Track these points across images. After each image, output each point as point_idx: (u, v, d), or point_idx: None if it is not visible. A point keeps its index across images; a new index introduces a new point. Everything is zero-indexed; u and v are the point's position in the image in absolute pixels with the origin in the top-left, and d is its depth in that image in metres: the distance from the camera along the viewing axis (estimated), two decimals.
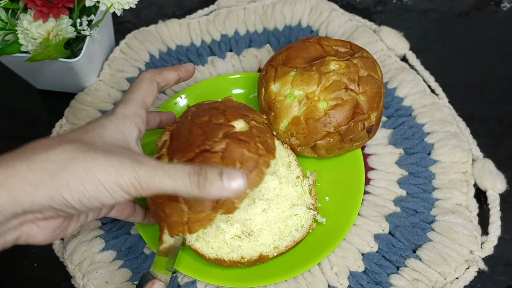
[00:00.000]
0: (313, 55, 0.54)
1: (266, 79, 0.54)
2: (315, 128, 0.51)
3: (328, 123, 0.51)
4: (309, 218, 0.51)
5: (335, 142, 0.52)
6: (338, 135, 0.51)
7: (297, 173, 0.53)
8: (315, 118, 0.51)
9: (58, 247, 0.54)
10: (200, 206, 0.44)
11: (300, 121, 0.51)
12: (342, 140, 0.52)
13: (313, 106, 0.51)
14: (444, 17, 0.70)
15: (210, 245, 0.48)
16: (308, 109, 0.51)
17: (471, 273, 0.49)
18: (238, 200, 0.43)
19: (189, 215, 0.44)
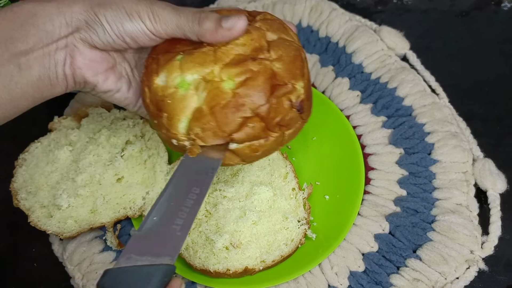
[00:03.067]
0: None
1: (148, 75, 0.42)
2: (225, 116, 0.38)
3: (241, 106, 0.38)
4: (300, 233, 0.50)
5: (258, 131, 0.39)
6: (259, 120, 0.39)
7: (293, 185, 0.53)
8: (222, 104, 0.38)
9: (57, 248, 0.54)
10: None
11: (203, 113, 0.39)
12: (268, 128, 0.40)
13: (215, 88, 0.39)
14: (444, 17, 0.70)
15: (198, 255, 0.49)
16: (210, 94, 0.39)
17: (471, 273, 0.49)
18: None
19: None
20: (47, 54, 0.39)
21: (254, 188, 0.52)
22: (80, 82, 0.42)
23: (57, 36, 0.40)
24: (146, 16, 0.40)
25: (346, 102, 0.62)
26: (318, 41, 0.67)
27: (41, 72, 0.40)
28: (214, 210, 0.51)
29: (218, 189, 0.52)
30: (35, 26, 0.39)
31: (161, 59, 0.41)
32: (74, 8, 0.40)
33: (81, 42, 0.40)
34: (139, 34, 0.41)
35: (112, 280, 0.32)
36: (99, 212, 0.52)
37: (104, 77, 0.43)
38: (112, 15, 0.40)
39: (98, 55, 0.42)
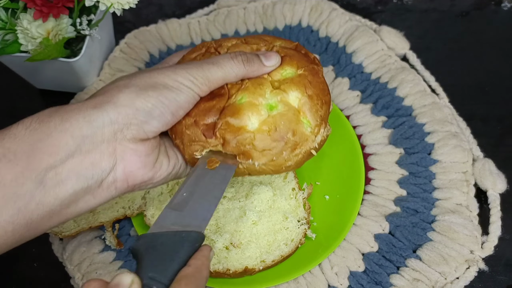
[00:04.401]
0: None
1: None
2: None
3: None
4: (300, 233, 0.50)
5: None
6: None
7: (293, 185, 0.53)
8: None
9: (57, 248, 0.54)
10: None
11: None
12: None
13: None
14: (444, 17, 0.70)
15: None
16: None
17: (471, 273, 0.49)
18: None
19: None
20: (88, 163, 0.33)
21: (254, 188, 0.52)
22: (135, 184, 0.37)
23: (99, 139, 0.34)
24: (192, 83, 0.38)
25: (346, 102, 0.62)
26: (318, 41, 0.67)
27: (77, 186, 0.33)
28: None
29: None
30: (68, 132, 0.33)
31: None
32: (118, 102, 0.34)
33: (132, 139, 0.35)
34: (190, 102, 0.38)
35: (146, 244, 0.33)
36: (98, 211, 0.52)
37: (159, 166, 0.39)
38: (163, 95, 0.36)
39: (149, 146, 0.37)
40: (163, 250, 0.33)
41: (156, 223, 0.35)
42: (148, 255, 0.33)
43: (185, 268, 0.32)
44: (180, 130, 0.41)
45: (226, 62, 0.40)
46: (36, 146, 0.32)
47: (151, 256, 0.32)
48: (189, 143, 0.40)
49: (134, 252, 0.33)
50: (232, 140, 0.40)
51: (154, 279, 0.31)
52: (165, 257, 0.32)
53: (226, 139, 0.40)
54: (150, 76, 0.37)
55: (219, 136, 0.40)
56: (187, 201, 0.37)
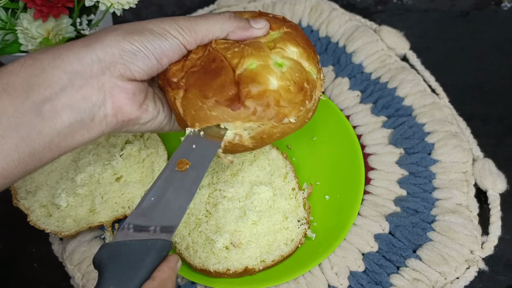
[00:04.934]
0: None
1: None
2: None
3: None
4: (300, 232, 0.50)
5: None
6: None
7: (293, 185, 0.53)
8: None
9: (57, 247, 0.54)
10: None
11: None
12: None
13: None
14: (444, 17, 0.70)
15: (198, 255, 0.49)
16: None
17: (471, 273, 0.49)
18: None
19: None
20: (80, 97, 0.36)
21: (254, 188, 0.52)
22: (124, 120, 0.39)
23: (88, 74, 0.36)
24: (177, 32, 0.39)
25: (346, 102, 0.62)
26: (318, 41, 0.67)
27: (72, 118, 0.36)
28: (214, 210, 0.51)
29: (218, 189, 0.52)
30: (60, 68, 0.35)
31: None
32: (105, 42, 0.37)
33: (119, 77, 0.37)
34: (175, 51, 0.40)
35: (109, 253, 0.32)
36: (98, 211, 0.52)
37: (145, 107, 0.41)
38: (148, 40, 0.38)
39: (136, 87, 0.39)
40: (127, 260, 0.31)
41: (120, 230, 0.34)
42: (110, 265, 0.31)
43: (149, 281, 0.31)
44: (204, 115, 0.40)
45: (213, 15, 0.41)
46: (32, 81, 0.34)
47: (114, 267, 0.31)
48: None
49: (96, 262, 0.32)
50: (262, 105, 0.40)
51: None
52: (129, 268, 0.31)
53: (256, 106, 0.40)
54: (139, 23, 0.39)
55: (248, 105, 0.40)
56: (155, 205, 0.36)
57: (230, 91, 0.40)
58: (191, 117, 0.41)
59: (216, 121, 0.40)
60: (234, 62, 0.41)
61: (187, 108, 0.41)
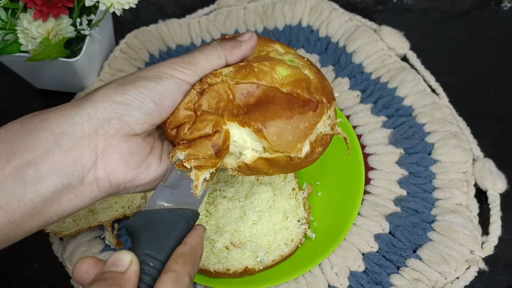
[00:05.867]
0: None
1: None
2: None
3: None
4: (300, 232, 0.50)
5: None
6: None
7: (293, 185, 0.53)
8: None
9: (57, 248, 0.54)
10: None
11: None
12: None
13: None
14: (444, 17, 0.70)
15: None
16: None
17: (471, 273, 0.49)
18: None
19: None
20: (68, 159, 0.33)
21: (254, 188, 0.52)
22: (119, 183, 0.36)
23: (79, 135, 0.33)
24: (174, 70, 0.37)
25: (346, 102, 0.62)
26: (318, 41, 0.67)
27: (58, 183, 0.33)
28: (214, 210, 0.51)
29: (218, 189, 0.52)
30: (47, 130, 0.33)
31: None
32: (95, 98, 0.34)
33: (115, 135, 0.35)
34: (175, 89, 0.36)
35: (142, 221, 0.34)
36: (97, 211, 0.52)
37: (145, 167, 0.37)
38: (142, 85, 0.35)
39: (136, 144, 0.36)
40: (159, 227, 0.33)
41: (150, 200, 0.35)
42: (144, 232, 0.33)
43: (182, 246, 0.33)
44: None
45: (205, 46, 0.40)
46: (16, 145, 0.32)
47: (148, 233, 0.33)
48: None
49: (130, 229, 0.33)
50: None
51: (151, 256, 0.31)
52: (161, 235, 0.33)
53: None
54: (133, 73, 0.37)
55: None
56: (181, 178, 0.37)
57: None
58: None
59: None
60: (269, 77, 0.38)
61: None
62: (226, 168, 0.39)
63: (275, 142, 0.37)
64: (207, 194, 0.52)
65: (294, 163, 0.38)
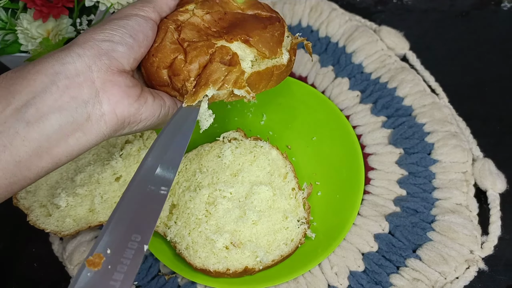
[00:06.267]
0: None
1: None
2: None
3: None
4: (300, 232, 0.50)
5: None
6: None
7: (293, 185, 0.53)
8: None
9: (57, 247, 0.54)
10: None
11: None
12: None
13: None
14: (444, 17, 0.70)
15: (198, 255, 0.49)
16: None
17: (471, 273, 0.49)
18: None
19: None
20: (68, 97, 0.34)
21: (254, 188, 0.52)
22: (125, 117, 0.37)
23: (73, 73, 0.34)
24: (136, 9, 0.40)
25: (346, 102, 0.62)
26: (318, 41, 0.67)
27: (62, 120, 0.33)
28: (214, 210, 0.51)
29: (218, 189, 0.52)
30: (41, 72, 0.34)
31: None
32: (78, 40, 0.36)
33: (108, 70, 0.36)
34: (143, 25, 0.40)
35: None
36: (97, 211, 0.52)
37: (143, 100, 0.38)
38: (115, 23, 0.38)
39: (128, 79, 0.38)
40: None
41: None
42: None
43: None
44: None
45: None
46: (13, 89, 0.33)
47: None
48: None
49: None
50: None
51: None
52: None
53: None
54: (104, 19, 0.41)
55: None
56: (94, 282, 0.30)
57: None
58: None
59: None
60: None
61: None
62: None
63: (261, 48, 0.42)
64: (207, 195, 0.52)
65: (279, 72, 0.44)
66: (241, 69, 0.41)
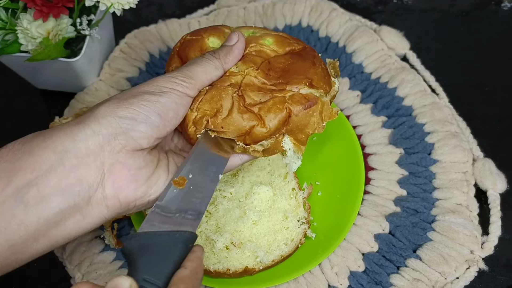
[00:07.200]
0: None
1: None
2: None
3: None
4: (300, 232, 0.50)
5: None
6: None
7: (293, 185, 0.53)
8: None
9: (57, 248, 0.54)
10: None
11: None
12: None
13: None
14: (444, 17, 0.70)
15: None
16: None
17: (471, 273, 0.49)
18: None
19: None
20: (73, 178, 0.32)
21: (254, 188, 0.52)
22: (129, 201, 0.35)
23: (84, 152, 0.32)
24: (174, 83, 0.37)
25: (346, 102, 0.62)
26: (318, 41, 0.67)
27: (63, 204, 0.32)
28: (214, 210, 0.51)
29: (218, 189, 0.52)
30: (50, 148, 0.32)
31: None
32: (99, 114, 0.33)
33: (122, 151, 0.34)
34: (178, 102, 0.37)
35: (140, 244, 0.33)
36: None
37: (155, 180, 0.36)
38: (144, 99, 0.35)
39: (143, 159, 0.35)
40: (157, 250, 0.32)
41: (147, 221, 0.34)
42: (141, 256, 0.32)
43: (181, 270, 0.32)
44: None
45: (200, 59, 0.41)
46: (18, 165, 0.31)
47: (145, 257, 0.32)
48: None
49: (127, 252, 0.33)
50: None
51: (150, 282, 0.30)
52: (160, 258, 0.32)
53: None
54: (133, 88, 0.37)
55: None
56: (177, 197, 0.36)
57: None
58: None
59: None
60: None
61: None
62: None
63: (323, 86, 0.42)
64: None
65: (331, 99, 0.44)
66: (324, 102, 0.42)
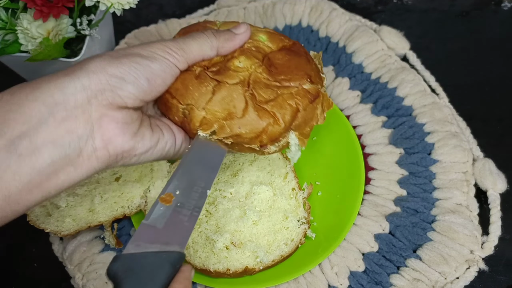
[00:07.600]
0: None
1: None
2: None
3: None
4: (300, 232, 0.50)
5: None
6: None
7: (293, 185, 0.53)
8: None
9: (58, 247, 0.54)
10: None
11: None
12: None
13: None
14: (444, 17, 0.70)
15: (198, 255, 0.49)
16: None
17: (471, 273, 0.49)
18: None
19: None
20: (63, 130, 0.32)
21: (254, 188, 0.52)
22: (117, 153, 0.36)
23: (72, 105, 0.33)
24: (166, 53, 0.38)
25: (346, 102, 0.62)
26: (318, 41, 0.67)
27: (54, 155, 0.32)
28: (214, 210, 0.51)
29: (218, 189, 0.52)
30: (39, 99, 0.32)
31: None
32: (89, 68, 0.34)
33: (108, 105, 0.34)
34: (166, 71, 0.38)
35: (125, 266, 0.32)
36: (97, 211, 0.52)
37: (140, 136, 0.37)
38: (136, 61, 0.35)
39: (128, 115, 0.36)
40: (143, 273, 0.31)
41: (132, 241, 0.33)
42: (126, 279, 0.31)
43: None
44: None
45: (198, 34, 0.40)
46: (8, 117, 0.31)
47: (130, 280, 0.31)
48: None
49: (111, 274, 0.32)
50: None
51: None
52: (146, 281, 0.31)
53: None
54: (125, 48, 0.38)
55: None
56: (164, 215, 0.35)
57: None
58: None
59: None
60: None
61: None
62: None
63: (318, 81, 0.44)
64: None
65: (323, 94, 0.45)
66: (324, 94, 0.44)
